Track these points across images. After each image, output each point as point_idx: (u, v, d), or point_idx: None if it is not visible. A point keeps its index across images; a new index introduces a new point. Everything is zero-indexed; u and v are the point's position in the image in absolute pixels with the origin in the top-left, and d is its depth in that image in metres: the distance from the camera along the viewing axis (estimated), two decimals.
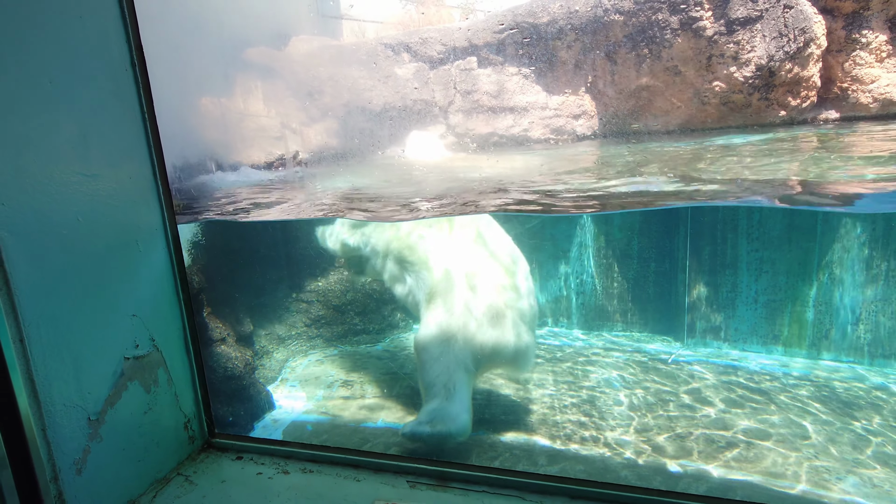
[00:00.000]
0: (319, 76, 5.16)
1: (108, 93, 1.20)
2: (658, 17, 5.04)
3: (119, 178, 1.24)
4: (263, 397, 2.77)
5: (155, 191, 1.33)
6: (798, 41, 4.79)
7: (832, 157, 3.42)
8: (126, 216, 1.27)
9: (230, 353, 2.60)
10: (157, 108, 1.33)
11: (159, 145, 1.31)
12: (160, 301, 1.39)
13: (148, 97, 1.28)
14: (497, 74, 5.75)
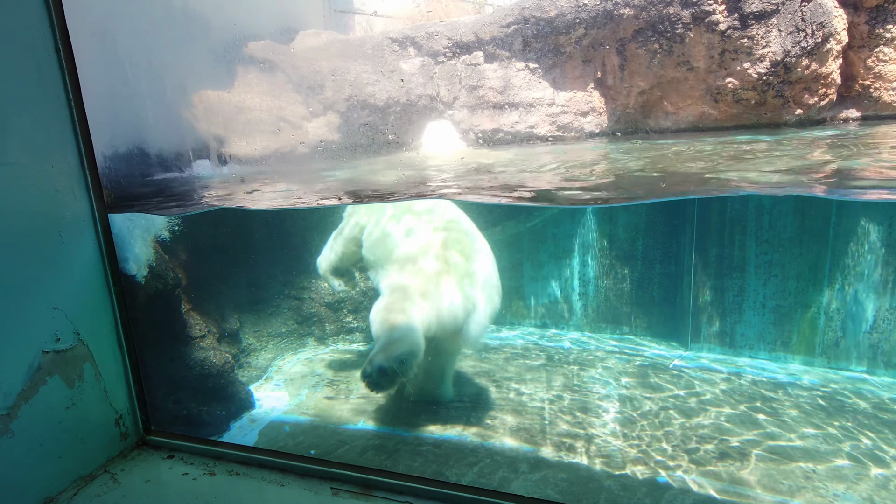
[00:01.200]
0: (322, 70, 5.13)
1: (28, 80, 1.16)
2: (669, 10, 4.87)
3: (40, 167, 1.20)
4: (242, 396, 2.74)
5: (82, 181, 1.30)
6: (816, 36, 4.57)
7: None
8: (47, 206, 1.23)
9: (209, 350, 2.58)
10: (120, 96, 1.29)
11: (87, 135, 1.27)
12: (87, 294, 1.35)
13: (75, 84, 1.24)
14: (503, 70, 5.64)
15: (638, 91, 5.45)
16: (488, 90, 5.62)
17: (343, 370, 3.49)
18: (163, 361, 2.23)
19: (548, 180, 2.53)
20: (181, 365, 2.44)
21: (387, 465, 2.62)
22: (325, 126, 5.04)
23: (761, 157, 2.92)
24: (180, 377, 2.41)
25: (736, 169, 2.52)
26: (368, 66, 5.58)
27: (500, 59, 5.65)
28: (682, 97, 5.29)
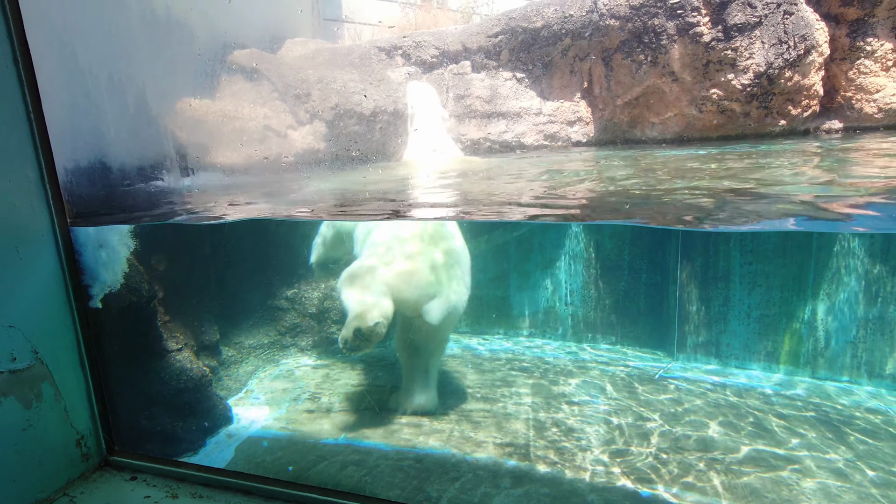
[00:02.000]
0: (308, 78, 5.11)
1: None
2: (654, 22, 4.91)
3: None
4: (220, 411, 2.69)
5: (42, 195, 1.26)
6: (798, 48, 4.62)
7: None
8: (3, 221, 1.20)
9: (185, 363, 2.52)
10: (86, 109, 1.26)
11: (48, 148, 1.24)
12: (46, 311, 1.31)
13: (34, 96, 1.21)
14: (491, 79, 5.66)
15: (624, 101, 5.48)
16: (475, 99, 5.62)
17: (325, 382, 3.44)
18: (137, 376, 2.18)
19: (522, 197, 2.50)
20: (156, 379, 2.39)
21: (367, 482, 2.57)
22: (312, 135, 5.01)
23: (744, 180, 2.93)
24: (155, 392, 2.36)
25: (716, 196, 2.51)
26: (356, 74, 5.56)
27: (487, 68, 5.67)
28: (668, 107, 5.32)
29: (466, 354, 4.37)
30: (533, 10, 5.32)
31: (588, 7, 5.19)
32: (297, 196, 2.17)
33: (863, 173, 2.30)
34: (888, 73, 4.81)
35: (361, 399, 3.31)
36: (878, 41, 4.72)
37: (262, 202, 1.74)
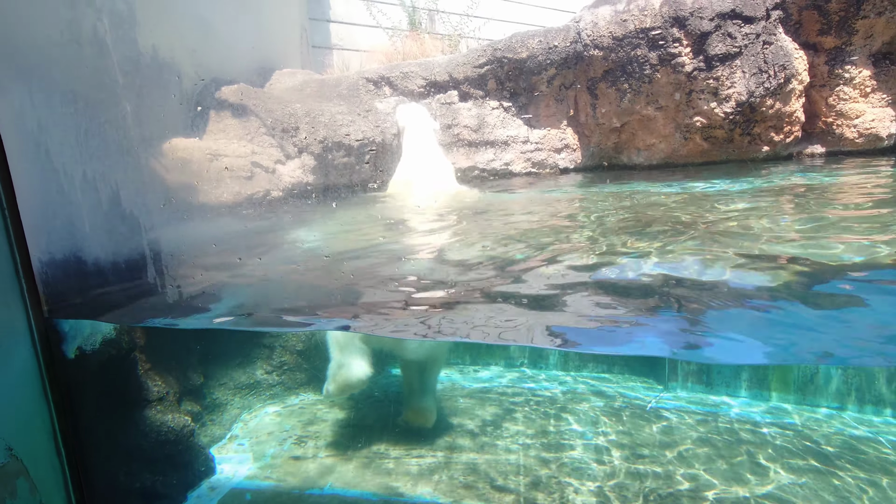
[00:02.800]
0: (296, 112, 5.14)
1: None
2: (637, 52, 4.98)
3: None
4: (202, 462, 2.66)
5: (17, 289, 1.27)
6: (778, 77, 4.70)
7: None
8: None
9: (166, 414, 2.51)
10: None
11: (23, 243, 1.24)
12: (21, 406, 1.31)
13: (9, 194, 1.21)
14: (478, 108, 5.71)
15: (610, 128, 5.55)
16: (463, 128, 5.67)
17: (312, 424, 3.42)
18: (115, 431, 2.16)
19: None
20: (136, 432, 2.36)
21: None
22: (300, 168, 5.03)
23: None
24: (134, 446, 2.33)
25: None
26: (344, 106, 5.60)
27: (474, 97, 5.73)
28: (653, 134, 5.39)
29: (457, 386, 4.37)
30: (518, 41, 5.39)
31: (572, 38, 5.27)
32: (261, 268, 2.05)
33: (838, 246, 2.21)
34: (867, 100, 4.90)
35: (350, 441, 3.29)
36: (856, 69, 4.81)
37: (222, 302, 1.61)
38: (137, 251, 1.31)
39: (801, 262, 1.94)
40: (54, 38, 1.87)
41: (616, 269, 1.99)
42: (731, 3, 4.65)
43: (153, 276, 1.30)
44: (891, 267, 1.74)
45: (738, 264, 1.92)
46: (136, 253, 1.31)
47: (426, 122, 5.17)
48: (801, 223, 2.72)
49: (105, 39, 1.80)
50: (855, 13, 4.62)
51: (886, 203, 3.09)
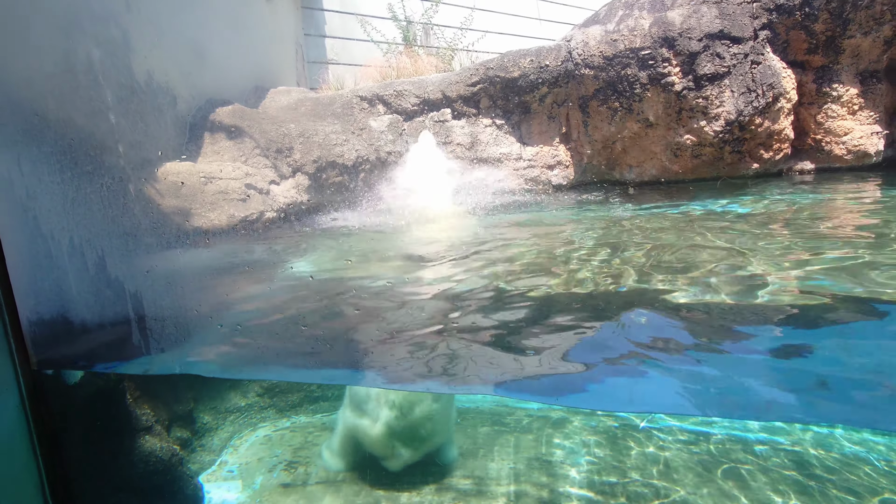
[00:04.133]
0: (290, 132, 5.19)
1: None
2: (627, 72, 5.04)
3: None
4: (190, 492, 2.68)
5: (6, 346, 1.30)
6: (767, 96, 4.75)
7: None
8: None
9: (155, 443, 2.53)
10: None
11: (12, 303, 1.28)
12: (9, 458, 1.34)
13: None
14: (471, 126, 5.77)
15: (601, 145, 5.60)
16: (457, 146, 5.72)
17: (303, 448, 3.43)
18: (104, 462, 2.18)
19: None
20: (124, 463, 2.38)
21: None
22: (294, 188, 5.07)
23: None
24: (122, 477, 2.35)
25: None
26: (338, 125, 5.65)
27: (467, 115, 5.78)
28: (644, 152, 5.44)
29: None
30: (510, 60, 5.45)
31: (563, 57, 5.33)
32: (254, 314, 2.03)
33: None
34: (855, 117, 4.95)
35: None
36: (844, 87, 4.87)
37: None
38: (122, 314, 1.36)
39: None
40: (48, 69, 1.91)
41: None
42: (720, 24, 4.71)
43: (138, 339, 1.34)
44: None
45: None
46: (121, 316, 1.35)
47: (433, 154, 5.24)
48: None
49: (100, 81, 1.85)
50: (841, 33, 4.68)
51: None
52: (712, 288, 2.19)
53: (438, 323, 1.91)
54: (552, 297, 2.25)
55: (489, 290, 2.48)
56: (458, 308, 2.19)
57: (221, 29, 5.70)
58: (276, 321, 2.00)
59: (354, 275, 3.14)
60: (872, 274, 2.15)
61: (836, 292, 2.00)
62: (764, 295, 2.03)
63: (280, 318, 2.05)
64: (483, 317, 2.02)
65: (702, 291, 2.15)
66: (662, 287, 2.24)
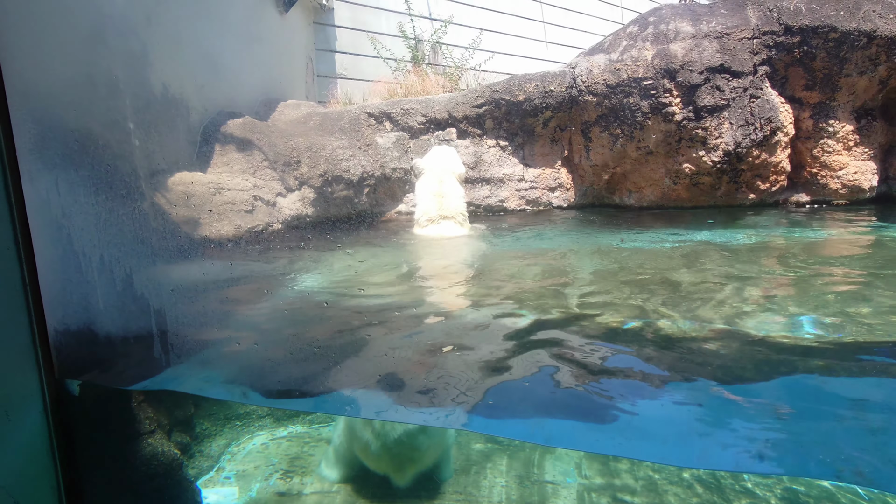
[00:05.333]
0: (298, 146, 5.31)
1: None
2: (629, 100, 5.17)
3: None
4: (188, 496, 2.74)
5: (32, 358, 1.39)
6: (764, 129, 4.88)
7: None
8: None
9: (157, 447, 2.59)
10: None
11: (41, 315, 1.37)
12: (30, 464, 1.42)
13: (32, 270, 1.34)
14: (475, 146, 5.88)
15: (602, 170, 5.71)
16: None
17: (299, 458, 3.49)
18: (107, 463, 2.24)
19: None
20: (126, 465, 2.45)
21: None
22: (300, 201, 5.18)
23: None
24: (124, 479, 2.41)
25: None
26: (345, 140, 5.77)
27: (472, 135, 5.90)
28: (644, 178, 5.55)
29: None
30: (515, 84, 5.58)
31: (567, 83, 5.46)
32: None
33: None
34: (850, 153, 5.07)
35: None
36: (840, 123, 5.00)
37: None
38: (146, 328, 1.44)
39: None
40: (71, 79, 2.01)
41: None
42: (720, 58, 4.85)
43: (159, 353, 1.42)
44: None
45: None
46: (145, 330, 1.43)
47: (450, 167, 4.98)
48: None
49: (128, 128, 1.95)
50: (838, 71, 4.82)
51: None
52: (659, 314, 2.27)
53: (418, 347, 1.99)
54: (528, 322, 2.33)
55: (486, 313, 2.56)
56: (445, 334, 2.27)
57: (236, 42, 5.85)
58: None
59: (345, 292, 3.21)
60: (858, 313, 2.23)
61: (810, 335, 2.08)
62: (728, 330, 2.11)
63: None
64: (469, 342, 2.10)
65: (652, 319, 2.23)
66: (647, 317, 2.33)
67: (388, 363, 1.68)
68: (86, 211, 1.30)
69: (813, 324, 2.16)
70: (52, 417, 1.44)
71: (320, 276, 3.62)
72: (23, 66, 1.30)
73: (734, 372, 1.74)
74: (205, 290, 1.92)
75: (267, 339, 1.96)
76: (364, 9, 8.60)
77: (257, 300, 2.86)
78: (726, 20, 4.94)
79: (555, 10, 10.80)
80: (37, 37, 1.60)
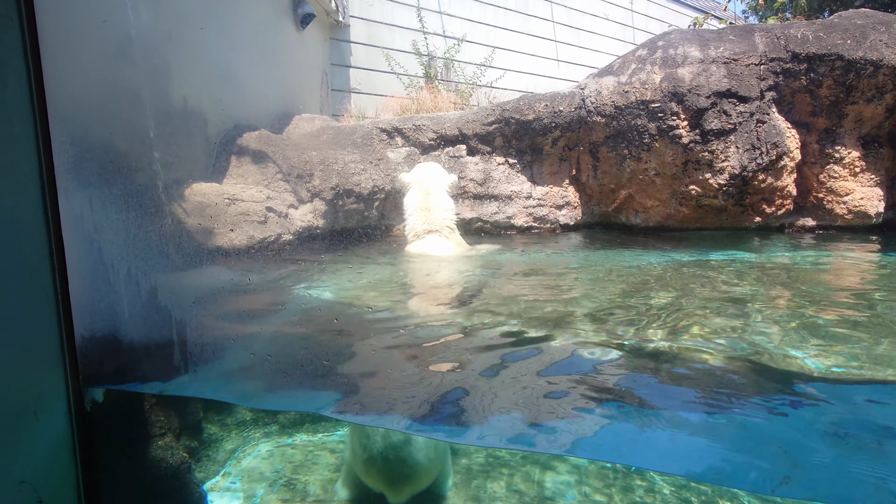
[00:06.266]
0: (311, 160, 5.44)
1: (20, 283, 1.36)
2: (637, 122, 5.26)
3: (18, 355, 1.39)
4: (195, 500, 2.81)
5: (60, 363, 1.48)
6: (770, 154, 4.94)
7: None
8: (25, 390, 1.41)
9: (166, 450, 2.67)
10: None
11: (70, 321, 1.46)
12: (54, 464, 1.50)
13: (63, 280, 1.44)
14: (484, 163, 5.99)
15: (610, 189, 5.79)
16: (469, 181, 5.94)
17: (303, 465, 3.55)
18: (119, 464, 2.33)
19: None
20: (137, 466, 2.53)
21: None
22: (311, 213, 5.29)
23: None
24: (134, 480, 2.50)
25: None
26: (357, 154, 5.90)
27: (481, 153, 6.01)
28: (651, 198, 5.62)
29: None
30: (525, 103, 5.69)
31: (576, 104, 5.56)
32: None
33: None
34: (856, 179, 5.11)
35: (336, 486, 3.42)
36: (846, 149, 5.05)
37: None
38: (167, 338, 1.53)
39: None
40: (103, 98, 2.13)
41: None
42: (728, 83, 4.93)
43: (178, 360, 1.51)
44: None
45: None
46: (166, 339, 1.52)
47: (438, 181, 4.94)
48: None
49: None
50: (845, 98, 4.88)
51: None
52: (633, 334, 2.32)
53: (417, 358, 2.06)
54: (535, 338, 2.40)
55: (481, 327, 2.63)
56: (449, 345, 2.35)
57: (253, 57, 6.02)
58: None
59: (346, 302, 3.29)
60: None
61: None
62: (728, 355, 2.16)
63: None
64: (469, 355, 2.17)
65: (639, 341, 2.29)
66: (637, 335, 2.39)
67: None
68: (116, 227, 1.40)
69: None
70: (76, 418, 1.53)
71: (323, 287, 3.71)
72: (63, 91, 1.41)
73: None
74: (216, 300, 2.02)
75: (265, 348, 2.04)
76: (380, 25, 8.79)
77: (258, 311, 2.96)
78: (734, 46, 5.03)
79: (567, 30, 10.96)
80: (74, 60, 1.71)
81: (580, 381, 1.89)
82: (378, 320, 2.87)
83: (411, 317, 3.06)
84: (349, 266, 4.46)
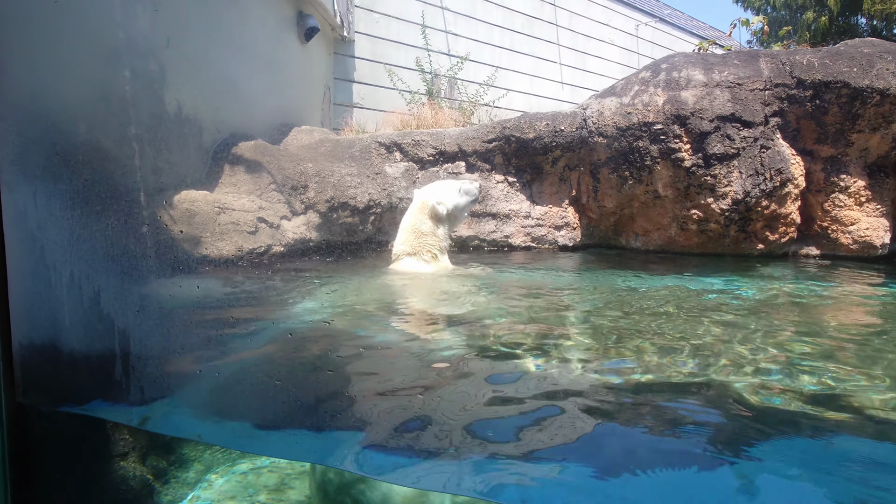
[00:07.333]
0: (307, 171, 5.35)
1: None
2: (639, 144, 5.17)
3: None
4: None
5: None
6: (774, 180, 4.83)
7: None
8: None
9: (128, 471, 2.51)
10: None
11: (7, 322, 1.33)
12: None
13: (2, 279, 1.32)
14: (483, 181, 5.89)
15: (610, 211, 5.68)
16: None
17: (278, 490, 3.37)
18: (76, 486, 2.16)
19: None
20: (95, 488, 2.36)
21: None
22: (305, 225, 5.18)
23: None
24: (89, 502, 2.33)
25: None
26: (354, 167, 5.81)
27: (480, 170, 5.92)
28: (651, 221, 5.50)
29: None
30: (526, 122, 5.62)
31: (578, 124, 5.49)
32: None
33: None
34: (861, 208, 4.99)
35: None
36: (852, 178, 4.94)
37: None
38: (109, 349, 1.40)
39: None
40: (84, 96, 2.03)
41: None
42: (732, 108, 4.85)
43: (120, 374, 1.38)
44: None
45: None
46: (108, 350, 1.40)
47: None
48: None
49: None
50: (851, 127, 4.79)
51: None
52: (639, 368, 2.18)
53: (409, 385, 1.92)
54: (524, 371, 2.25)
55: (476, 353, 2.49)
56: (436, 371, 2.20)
57: (255, 68, 5.98)
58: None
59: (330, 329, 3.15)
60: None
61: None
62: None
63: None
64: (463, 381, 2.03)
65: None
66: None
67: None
68: (61, 225, 1.28)
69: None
70: (8, 434, 1.39)
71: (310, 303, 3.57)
72: (12, 79, 1.31)
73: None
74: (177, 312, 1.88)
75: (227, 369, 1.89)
76: (384, 42, 8.81)
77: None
78: (739, 70, 4.97)
79: (572, 53, 11.00)
80: (36, 52, 1.62)
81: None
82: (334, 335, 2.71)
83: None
84: (328, 279, 4.31)
